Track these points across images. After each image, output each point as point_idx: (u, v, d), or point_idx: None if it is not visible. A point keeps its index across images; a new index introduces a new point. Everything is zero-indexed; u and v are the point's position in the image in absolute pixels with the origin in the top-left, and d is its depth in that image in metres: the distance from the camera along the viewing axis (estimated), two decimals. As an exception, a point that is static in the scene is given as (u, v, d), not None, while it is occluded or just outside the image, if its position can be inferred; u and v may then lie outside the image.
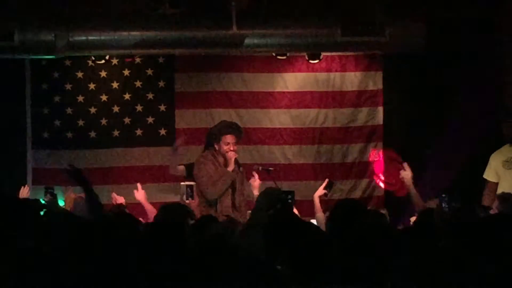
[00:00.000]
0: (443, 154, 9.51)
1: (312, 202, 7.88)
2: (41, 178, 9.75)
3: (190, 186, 7.69)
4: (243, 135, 8.99)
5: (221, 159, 8.35)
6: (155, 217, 6.34)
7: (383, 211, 6.75)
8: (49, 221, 4.92)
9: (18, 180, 9.29)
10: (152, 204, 8.06)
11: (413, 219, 6.86)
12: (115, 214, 5.99)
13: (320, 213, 7.56)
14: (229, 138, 8.32)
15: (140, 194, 7.97)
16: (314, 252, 4.10)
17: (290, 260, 4.08)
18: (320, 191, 7.86)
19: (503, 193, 7.18)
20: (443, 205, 6.89)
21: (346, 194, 9.96)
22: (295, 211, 7.43)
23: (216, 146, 8.37)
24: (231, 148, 8.30)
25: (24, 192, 8.24)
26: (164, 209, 6.04)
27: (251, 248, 4.57)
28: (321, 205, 7.71)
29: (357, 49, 9.59)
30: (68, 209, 7.41)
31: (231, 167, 8.29)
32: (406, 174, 7.52)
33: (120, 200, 7.95)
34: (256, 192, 7.92)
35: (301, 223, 4.82)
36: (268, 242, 4.41)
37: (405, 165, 7.56)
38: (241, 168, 8.49)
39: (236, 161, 8.40)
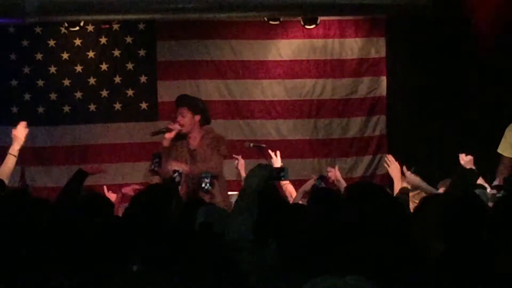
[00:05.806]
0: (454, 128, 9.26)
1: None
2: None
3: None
4: (231, 108, 9.13)
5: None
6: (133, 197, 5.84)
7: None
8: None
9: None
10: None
11: None
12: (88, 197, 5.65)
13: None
14: (177, 110, 7.97)
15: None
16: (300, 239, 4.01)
17: (277, 248, 4.03)
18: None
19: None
20: None
21: (346, 173, 9.60)
22: (291, 188, 7.52)
23: None
24: (177, 119, 7.89)
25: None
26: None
27: (238, 232, 4.33)
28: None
29: (358, 13, 9.37)
30: None
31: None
32: (393, 169, 6.64)
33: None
34: (243, 173, 7.60)
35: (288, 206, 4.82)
36: (255, 227, 4.29)
37: (390, 158, 6.75)
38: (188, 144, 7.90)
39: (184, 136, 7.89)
